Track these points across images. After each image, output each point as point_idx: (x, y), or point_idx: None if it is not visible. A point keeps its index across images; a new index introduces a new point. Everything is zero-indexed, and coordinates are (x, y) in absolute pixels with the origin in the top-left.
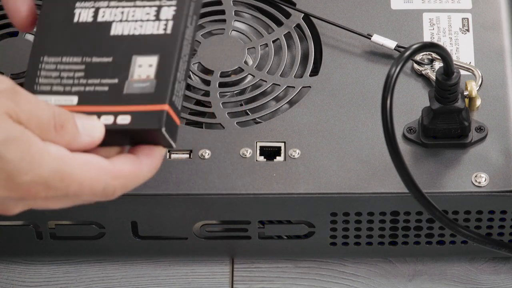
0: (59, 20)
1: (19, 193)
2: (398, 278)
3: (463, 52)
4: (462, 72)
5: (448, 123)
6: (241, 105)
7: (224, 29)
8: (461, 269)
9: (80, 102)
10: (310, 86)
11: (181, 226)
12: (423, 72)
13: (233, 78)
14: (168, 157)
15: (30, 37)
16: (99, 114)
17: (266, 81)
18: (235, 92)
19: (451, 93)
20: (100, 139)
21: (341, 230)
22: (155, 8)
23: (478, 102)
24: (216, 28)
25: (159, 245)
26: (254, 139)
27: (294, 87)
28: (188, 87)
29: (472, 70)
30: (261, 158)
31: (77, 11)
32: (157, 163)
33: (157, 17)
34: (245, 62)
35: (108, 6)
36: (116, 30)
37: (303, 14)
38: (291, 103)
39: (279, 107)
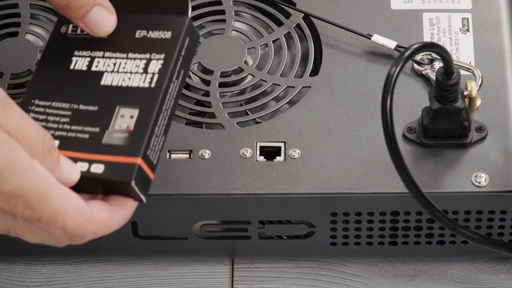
0: (57, 66)
1: None
2: (398, 278)
3: (463, 52)
4: (462, 72)
5: (448, 123)
6: (241, 105)
7: (224, 29)
8: (461, 269)
9: (60, 147)
10: (310, 86)
11: (181, 226)
12: (423, 72)
13: (233, 78)
14: (168, 157)
15: (30, 37)
16: (75, 160)
17: (266, 81)
18: (235, 92)
19: (451, 93)
20: (75, 182)
21: (341, 230)
22: (145, 61)
23: (478, 102)
24: (216, 28)
25: (159, 245)
26: (254, 139)
27: (294, 87)
28: (188, 87)
29: (472, 70)
30: (261, 158)
31: (74, 59)
32: (128, 215)
33: (145, 70)
34: (245, 62)
35: (103, 57)
36: (106, 80)
37: (303, 14)
38: (291, 103)
39: (279, 107)
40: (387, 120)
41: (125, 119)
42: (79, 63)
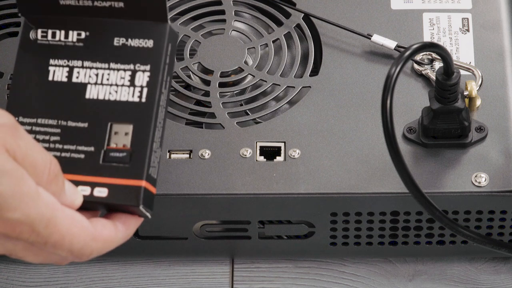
0: (34, 78)
1: (4, 228)
2: (398, 278)
3: (463, 52)
4: (462, 72)
5: (448, 123)
6: (241, 105)
7: (224, 29)
8: (461, 269)
9: None
10: (310, 86)
11: (181, 226)
12: (423, 72)
13: (233, 78)
14: (168, 157)
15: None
16: (76, 183)
17: (266, 81)
18: (235, 92)
19: (451, 93)
20: (77, 206)
21: (341, 230)
22: (129, 73)
23: (478, 102)
24: (216, 28)
25: (159, 245)
26: (254, 139)
27: (294, 87)
28: (188, 87)
29: (472, 70)
30: (261, 158)
31: (51, 69)
32: (131, 232)
33: (132, 83)
34: (245, 62)
35: (82, 66)
36: (91, 93)
37: (303, 14)
38: (291, 103)
39: (279, 107)
40: (387, 120)
41: (119, 136)
42: (58, 73)
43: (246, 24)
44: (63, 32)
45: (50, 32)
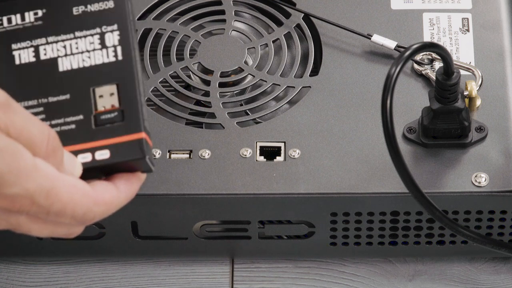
0: (0, 67)
1: (4, 203)
2: (398, 278)
3: (463, 52)
4: (462, 72)
5: (448, 123)
6: (241, 105)
7: (224, 29)
8: (461, 269)
9: None
10: (310, 86)
11: (181, 226)
12: (423, 72)
13: (233, 78)
14: (168, 157)
15: None
16: (75, 153)
17: (266, 81)
18: (235, 92)
19: (451, 93)
20: (77, 177)
21: (341, 230)
22: (98, 36)
23: (478, 102)
24: (216, 28)
25: (159, 245)
26: (254, 139)
27: (294, 87)
28: (188, 87)
29: (472, 70)
30: (261, 158)
31: (16, 53)
32: (134, 191)
33: (103, 45)
34: (245, 62)
35: (47, 43)
36: (64, 65)
37: (303, 14)
38: (291, 103)
39: (279, 107)
40: (387, 120)
41: (105, 98)
42: (24, 56)
43: (246, 24)
44: (18, 15)
45: (5, 19)
